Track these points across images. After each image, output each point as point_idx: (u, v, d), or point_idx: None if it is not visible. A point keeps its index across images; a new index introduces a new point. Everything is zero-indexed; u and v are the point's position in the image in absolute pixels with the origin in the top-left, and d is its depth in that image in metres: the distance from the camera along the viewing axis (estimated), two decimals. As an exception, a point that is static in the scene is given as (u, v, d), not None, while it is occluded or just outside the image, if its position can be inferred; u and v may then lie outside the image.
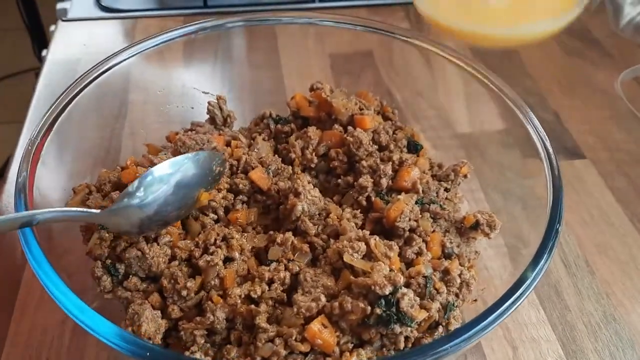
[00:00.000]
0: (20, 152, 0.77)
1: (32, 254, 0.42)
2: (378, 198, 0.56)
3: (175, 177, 0.50)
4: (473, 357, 0.58)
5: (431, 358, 0.38)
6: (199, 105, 0.69)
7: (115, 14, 1.05)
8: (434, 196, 0.57)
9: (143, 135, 0.67)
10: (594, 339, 0.60)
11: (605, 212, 0.73)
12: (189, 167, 0.51)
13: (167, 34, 0.65)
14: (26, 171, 0.48)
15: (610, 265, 0.67)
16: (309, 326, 0.44)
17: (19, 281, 0.62)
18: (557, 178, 0.50)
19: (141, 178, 0.48)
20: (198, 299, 0.48)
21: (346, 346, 0.45)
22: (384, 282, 0.44)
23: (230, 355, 0.45)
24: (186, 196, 0.51)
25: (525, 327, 0.61)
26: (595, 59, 1.00)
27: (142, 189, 0.48)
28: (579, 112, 0.89)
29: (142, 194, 0.48)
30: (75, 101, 0.57)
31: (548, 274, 0.66)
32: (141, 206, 0.47)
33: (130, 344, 0.37)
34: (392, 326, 0.44)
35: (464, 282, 0.50)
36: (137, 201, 0.47)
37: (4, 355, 0.56)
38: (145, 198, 0.48)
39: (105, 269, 0.49)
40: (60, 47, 0.99)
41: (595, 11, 1.12)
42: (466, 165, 0.60)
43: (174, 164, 0.50)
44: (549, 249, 0.46)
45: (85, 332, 0.57)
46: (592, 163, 0.80)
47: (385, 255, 0.48)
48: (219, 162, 0.54)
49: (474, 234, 0.55)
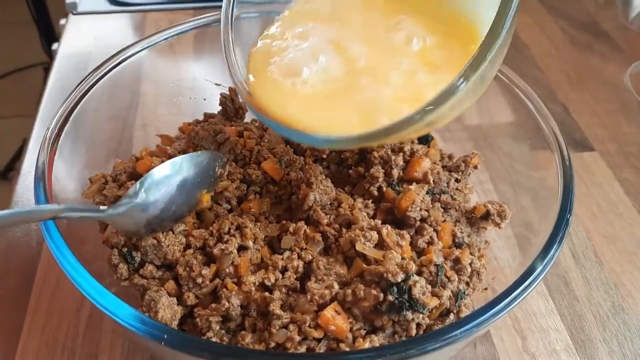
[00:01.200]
0: (34, 145, 0.78)
1: (53, 241, 0.42)
2: (389, 188, 0.56)
3: (177, 178, 0.50)
4: (483, 346, 0.59)
5: (441, 343, 0.39)
6: (210, 97, 0.70)
7: (126, 7, 1.06)
8: (445, 186, 0.58)
9: (155, 126, 0.67)
10: (602, 329, 0.60)
11: (614, 203, 0.74)
12: (190, 167, 0.51)
13: (178, 26, 0.66)
14: (45, 160, 0.49)
15: (618, 256, 0.68)
16: (323, 313, 0.45)
17: (35, 270, 0.63)
18: (568, 167, 0.51)
19: (142, 180, 0.48)
20: (213, 287, 0.49)
21: (359, 332, 0.46)
22: (396, 270, 0.45)
23: (245, 341, 0.46)
24: (189, 196, 0.51)
25: (534, 316, 0.61)
26: (605, 51, 1.00)
27: (143, 191, 0.48)
28: (588, 105, 0.89)
29: (145, 195, 0.47)
30: (90, 93, 0.58)
31: (557, 264, 0.66)
32: (144, 207, 0.47)
33: (149, 327, 0.38)
34: (404, 313, 0.45)
35: (475, 270, 0.51)
36: (139, 202, 0.47)
37: (21, 343, 0.57)
38: (148, 199, 0.47)
39: (121, 257, 0.50)
40: (71, 40, 1.00)
41: (604, 4, 1.12)
42: (476, 156, 0.61)
43: (174, 165, 0.50)
44: (560, 239, 0.46)
45: (101, 319, 0.59)
46: (600, 155, 0.80)
47: (397, 244, 0.49)
48: (221, 164, 0.54)
49: (485, 223, 0.56)
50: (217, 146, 0.58)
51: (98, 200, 0.53)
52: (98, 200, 0.53)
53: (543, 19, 1.09)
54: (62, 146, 0.53)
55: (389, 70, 0.46)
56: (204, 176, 0.52)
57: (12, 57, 2.22)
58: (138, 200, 0.47)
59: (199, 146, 0.57)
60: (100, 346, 0.57)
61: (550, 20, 1.08)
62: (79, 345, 0.57)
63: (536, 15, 1.09)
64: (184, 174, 0.50)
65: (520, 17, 1.07)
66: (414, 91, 0.44)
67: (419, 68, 0.45)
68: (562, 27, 1.06)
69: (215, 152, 0.55)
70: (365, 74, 0.46)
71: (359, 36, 0.49)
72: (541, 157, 0.56)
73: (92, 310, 0.59)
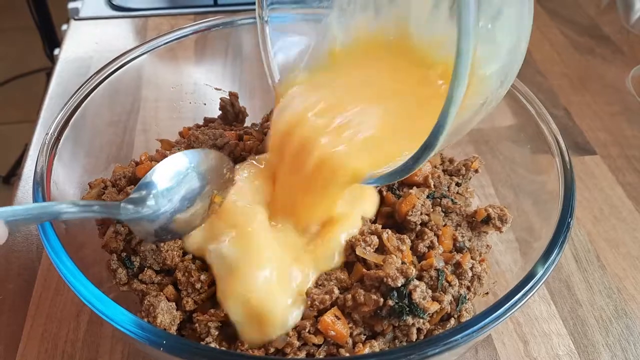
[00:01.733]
0: (34, 150, 0.78)
1: (51, 246, 0.42)
2: (390, 192, 0.56)
3: (181, 188, 0.49)
4: (484, 351, 0.58)
5: (442, 348, 0.38)
6: (210, 102, 0.70)
7: (127, 12, 1.06)
8: (446, 190, 0.57)
9: (155, 131, 0.67)
10: (605, 334, 0.60)
11: (616, 207, 0.73)
12: (193, 176, 0.49)
13: (179, 31, 0.66)
14: (44, 164, 0.49)
15: (621, 261, 0.67)
16: (323, 317, 0.45)
17: (35, 275, 0.63)
18: (569, 170, 0.50)
19: (147, 191, 0.47)
20: (212, 292, 0.48)
21: (359, 338, 0.46)
22: (396, 274, 0.45)
23: (244, 346, 0.46)
24: (197, 202, 0.50)
25: (536, 321, 0.61)
26: (606, 55, 1.00)
27: (149, 201, 0.47)
28: (590, 109, 0.89)
29: (153, 202, 0.47)
30: (90, 98, 0.58)
31: (559, 269, 0.66)
32: (151, 219, 0.47)
33: (148, 332, 0.38)
34: (404, 318, 0.45)
35: (476, 275, 0.51)
36: (148, 212, 0.46)
37: (20, 349, 0.57)
38: (157, 210, 0.47)
39: (120, 262, 0.50)
40: (72, 46, 1.00)
41: (605, 7, 1.12)
42: (477, 160, 0.60)
43: (178, 173, 0.49)
44: (561, 243, 0.46)
45: (101, 324, 0.59)
46: (602, 159, 0.80)
47: (398, 248, 0.49)
48: (229, 167, 0.53)
49: (486, 227, 0.55)
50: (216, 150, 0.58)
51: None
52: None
53: (544, 23, 1.09)
54: (61, 151, 0.53)
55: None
56: (214, 177, 0.51)
57: (15, 63, 2.23)
58: (146, 209, 0.46)
59: (198, 150, 0.57)
60: (99, 351, 0.57)
61: (551, 25, 1.08)
62: (78, 350, 0.57)
63: (537, 20, 1.09)
64: (190, 182, 0.49)
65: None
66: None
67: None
68: (563, 32, 1.06)
69: (222, 155, 0.54)
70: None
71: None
72: (542, 161, 0.56)
73: (92, 316, 0.59)
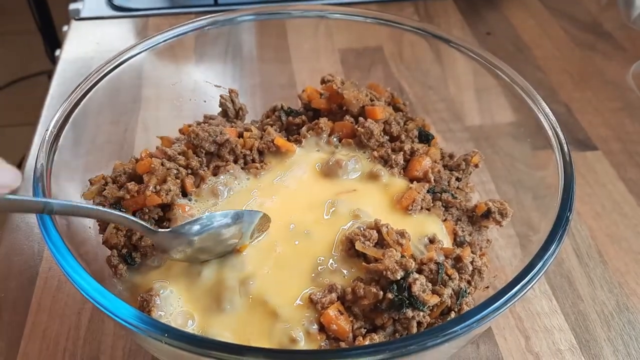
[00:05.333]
0: (35, 150, 0.78)
1: (52, 241, 0.42)
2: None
3: (225, 229, 0.49)
4: (486, 346, 0.58)
5: (442, 339, 0.38)
6: (211, 99, 0.70)
7: (127, 12, 1.06)
8: (446, 185, 0.58)
9: (156, 128, 0.67)
10: (607, 328, 0.60)
11: (617, 203, 0.73)
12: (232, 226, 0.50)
13: (178, 28, 0.66)
14: (44, 161, 0.49)
15: (622, 256, 0.67)
16: (326, 311, 0.45)
17: (36, 273, 0.63)
18: (569, 164, 0.50)
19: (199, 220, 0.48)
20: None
21: (359, 331, 0.46)
22: (395, 267, 0.45)
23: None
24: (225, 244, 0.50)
25: (537, 316, 0.61)
26: (607, 51, 1.00)
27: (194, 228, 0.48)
28: (591, 105, 0.89)
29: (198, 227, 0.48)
30: (90, 95, 0.58)
31: (560, 264, 0.66)
32: (190, 241, 0.48)
33: (149, 325, 0.38)
34: (404, 310, 0.45)
35: (476, 269, 0.50)
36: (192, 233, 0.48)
37: (22, 346, 0.57)
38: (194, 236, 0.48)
39: (121, 258, 0.50)
40: (73, 46, 1.00)
41: (606, 4, 1.12)
42: (477, 154, 0.60)
43: (225, 215, 0.50)
44: (559, 236, 0.46)
45: (102, 322, 0.59)
46: (604, 155, 0.80)
47: (397, 242, 0.49)
48: (264, 227, 0.52)
49: (486, 222, 0.55)
50: (217, 147, 0.58)
51: (98, 201, 0.53)
52: (98, 201, 0.53)
53: (545, 20, 1.08)
54: (62, 148, 0.53)
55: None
56: (246, 231, 0.51)
57: (18, 66, 2.23)
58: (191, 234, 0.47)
59: (198, 147, 0.57)
60: (101, 348, 0.57)
61: (552, 21, 1.08)
62: (80, 348, 0.57)
63: (538, 17, 1.09)
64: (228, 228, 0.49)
65: (523, 18, 1.07)
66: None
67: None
68: (564, 28, 1.06)
69: (265, 218, 0.52)
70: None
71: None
72: (542, 156, 0.56)
73: (93, 313, 0.59)
